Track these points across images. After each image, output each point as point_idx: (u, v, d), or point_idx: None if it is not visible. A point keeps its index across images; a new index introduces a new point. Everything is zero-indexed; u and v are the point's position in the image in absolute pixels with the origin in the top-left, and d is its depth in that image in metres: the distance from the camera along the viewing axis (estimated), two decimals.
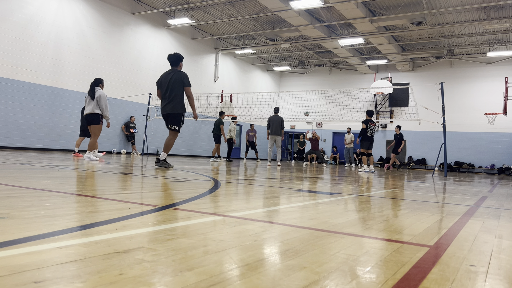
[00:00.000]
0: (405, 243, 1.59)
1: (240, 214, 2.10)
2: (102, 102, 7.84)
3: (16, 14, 12.56)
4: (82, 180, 3.76)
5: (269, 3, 14.67)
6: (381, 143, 23.73)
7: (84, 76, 14.56)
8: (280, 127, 11.96)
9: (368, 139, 10.80)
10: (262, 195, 3.27)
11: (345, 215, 2.32)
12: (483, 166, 20.85)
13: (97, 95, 7.80)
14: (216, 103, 21.49)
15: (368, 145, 10.84)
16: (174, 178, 4.55)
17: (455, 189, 5.55)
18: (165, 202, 2.40)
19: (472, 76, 21.48)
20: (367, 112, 11.08)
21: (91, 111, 7.81)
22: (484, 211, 2.94)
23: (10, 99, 12.48)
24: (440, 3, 14.73)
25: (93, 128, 7.89)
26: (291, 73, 26.95)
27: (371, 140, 10.84)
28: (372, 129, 10.85)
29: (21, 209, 1.83)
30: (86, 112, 7.89)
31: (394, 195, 4.00)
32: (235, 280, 1.00)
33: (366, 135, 10.79)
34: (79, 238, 1.34)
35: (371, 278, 1.09)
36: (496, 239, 1.80)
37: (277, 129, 11.92)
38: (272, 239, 1.53)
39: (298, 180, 5.73)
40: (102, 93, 7.89)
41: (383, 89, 21.67)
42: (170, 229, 1.58)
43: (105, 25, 15.43)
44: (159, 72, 18.11)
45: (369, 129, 10.81)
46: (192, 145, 19.95)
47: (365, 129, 10.76)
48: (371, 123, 10.86)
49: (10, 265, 0.99)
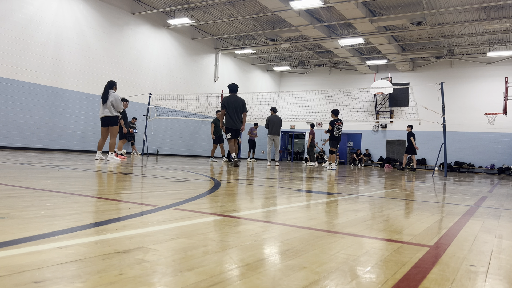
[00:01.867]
0: (405, 243, 1.59)
1: (240, 214, 2.10)
2: (119, 104, 8.13)
3: (16, 14, 12.56)
4: (82, 180, 3.76)
5: (269, 3, 14.67)
6: (381, 143, 23.73)
7: (84, 76, 14.57)
8: (280, 127, 12.07)
9: (336, 138, 11.38)
10: (262, 195, 3.27)
11: (345, 215, 2.32)
12: (483, 166, 20.85)
13: (112, 99, 8.04)
14: (216, 103, 21.49)
15: (336, 144, 11.45)
16: (174, 178, 4.55)
17: (455, 189, 5.55)
18: (165, 202, 2.40)
19: (472, 76, 21.48)
20: (333, 111, 11.53)
21: (110, 114, 8.04)
22: (484, 211, 2.94)
23: (10, 99, 12.47)
24: (440, 3, 14.73)
25: (112, 130, 8.15)
26: (291, 73, 26.95)
27: (338, 139, 11.42)
28: (339, 128, 11.34)
29: (21, 209, 1.83)
30: (103, 115, 8.07)
31: (394, 195, 4.00)
32: (235, 280, 1.00)
33: (334, 135, 11.34)
34: (79, 238, 1.34)
35: (371, 278, 1.09)
36: (496, 239, 1.80)
37: (277, 129, 11.98)
38: (272, 239, 1.53)
39: (297, 180, 5.72)
40: (116, 96, 8.16)
41: (383, 89, 21.67)
42: (170, 229, 1.58)
43: (105, 25, 15.43)
44: (159, 72, 18.27)
45: (336, 129, 11.33)
46: (192, 145, 19.95)
47: (332, 130, 11.34)
48: (338, 122, 11.34)
49: (10, 265, 0.99)
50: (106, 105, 8.01)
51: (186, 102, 18.82)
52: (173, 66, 18.73)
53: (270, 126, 11.99)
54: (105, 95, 8.01)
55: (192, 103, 19.15)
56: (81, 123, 14.45)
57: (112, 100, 8.02)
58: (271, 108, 12.37)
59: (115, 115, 8.09)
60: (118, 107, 8.12)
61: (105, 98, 8.00)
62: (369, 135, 24.00)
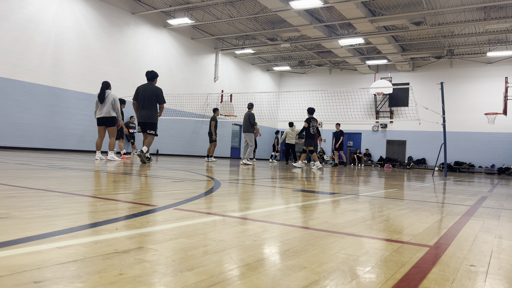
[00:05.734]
0: (405, 243, 1.59)
1: (240, 214, 2.10)
2: (117, 105, 8.21)
3: (16, 14, 12.56)
4: (82, 180, 3.76)
5: (269, 3, 14.67)
6: (381, 143, 23.73)
7: (84, 76, 14.57)
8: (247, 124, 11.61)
9: (311, 136, 11.29)
10: (262, 195, 3.27)
11: (345, 215, 2.32)
12: (483, 166, 20.85)
13: (112, 99, 8.11)
14: (216, 103, 21.49)
15: (311, 142, 11.34)
16: (174, 178, 4.55)
17: (455, 189, 5.55)
18: (165, 202, 2.40)
19: (472, 76, 21.48)
20: (309, 110, 11.44)
21: (108, 114, 8.09)
22: (484, 211, 2.94)
23: (10, 99, 12.47)
24: (440, 3, 14.73)
25: (111, 130, 8.23)
26: (291, 73, 26.95)
27: (313, 137, 11.36)
28: (314, 126, 11.29)
29: (21, 209, 1.83)
30: (102, 115, 8.10)
31: (394, 195, 4.00)
32: (235, 280, 1.00)
33: (310, 133, 11.24)
34: (79, 238, 1.34)
35: (371, 278, 1.09)
36: (496, 239, 1.80)
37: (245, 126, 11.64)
38: (272, 239, 1.53)
39: (297, 180, 5.73)
40: (115, 97, 8.25)
41: (383, 89, 21.67)
42: (170, 229, 1.58)
43: (105, 25, 15.43)
44: (159, 72, 18.19)
45: (312, 127, 11.26)
46: (192, 145, 19.95)
47: (307, 127, 11.21)
48: (313, 120, 11.28)
49: (10, 265, 0.99)
50: (104, 105, 8.06)
51: (186, 102, 18.82)
52: (173, 66, 18.73)
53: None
54: (102, 95, 8.04)
55: (192, 103, 19.15)
56: (81, 123, 14.45)
57: (112, 100, 8.09)
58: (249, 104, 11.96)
59: (113, 116, 8.15)
60: (117, 108, 8.21)
61: (102, 98, 8.04)
62: (369, 135, 24.00)
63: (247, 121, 11.65)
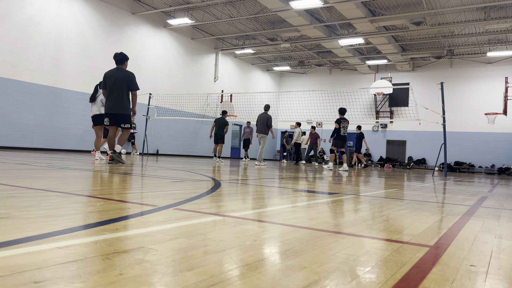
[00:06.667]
0: (405, 243, 1.59)
1: (240, 214, 2.10)
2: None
3: (16, 14, 12.56)
4: (82, 180, 3.76)
5: (269, 3, 14.67)
6: (381, 143, 23.73)
7: (84, 76, 14.57)
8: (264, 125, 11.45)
9: (341, 138, 10.98)
10: (262, 195, 3.27)
11: (345, 215, 2.32)
12: (483, 166, 20.85)
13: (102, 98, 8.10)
14: (216, 103, 21.49)
15: (341, 144, 11.04)
16: (174, 178, 4.55)
17: (455, 189, 5.55)
18: (165, 202, 2.40)
19: (472, 76, 21.48)
20: (340, 110, 11.17)
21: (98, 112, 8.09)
22: (484, 211, 2.94)
23: (10, 99, 12.47)
24: (440, 3, 14.73)
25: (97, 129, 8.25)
26: (291, 73, 26.95)
27: (344, 139, 11.03)
28: (345, 127, 11.01)
29: (21, 209, 1.83)
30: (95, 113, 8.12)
31: (394, 195, 4.00)
32: (235, 280, 1.00)
33: (340, 134, 10.95)
34: (79, 238, 1.34)
35: (371, 278, 1.09)
36: (496, 239, 1.80)
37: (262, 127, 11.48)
38: (272, 239, 1.53)
39: (297, 180, 5.73)
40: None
41: (383, 89, 21.67)
42: (170, 229, 1.58)
43: (105, 25, 15.43)
44: (159, 72, 18.27)
45: (343, 127, 10.96)
46: (192, 145, 19.95)
47: (338, 128, 10.92)
48: (344, 121, 10.99)
49: (10, 265, 0.99)
50: (95, 103, 8.14)
51: (186, 102, 18.82)
52: (173, 66, 18.73)
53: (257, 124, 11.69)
54: (93, 94, 8.17)
55: (192, 103, 19.15)
56: (81, 123, 14.44)
57: (101, 99, 8.10)
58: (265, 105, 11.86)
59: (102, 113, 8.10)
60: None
61: (93, 98, 8.17)
62: (369, 135, 23.99)
63: (264, 123, 11.49)
